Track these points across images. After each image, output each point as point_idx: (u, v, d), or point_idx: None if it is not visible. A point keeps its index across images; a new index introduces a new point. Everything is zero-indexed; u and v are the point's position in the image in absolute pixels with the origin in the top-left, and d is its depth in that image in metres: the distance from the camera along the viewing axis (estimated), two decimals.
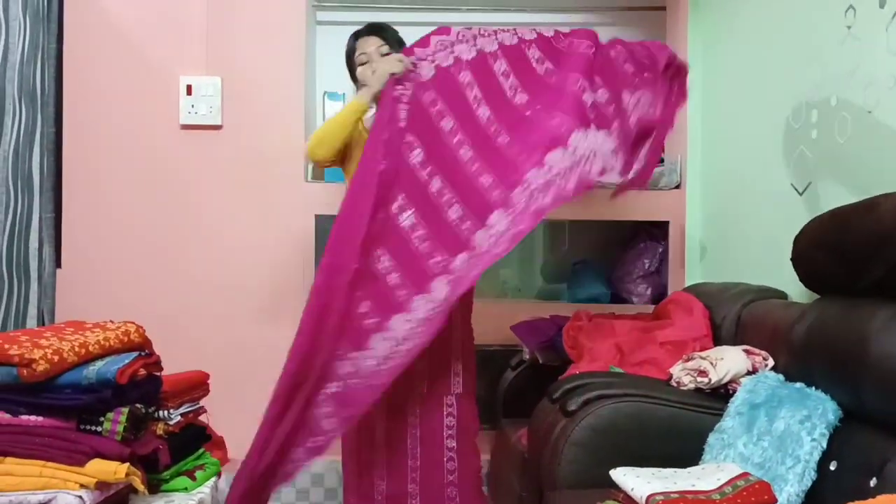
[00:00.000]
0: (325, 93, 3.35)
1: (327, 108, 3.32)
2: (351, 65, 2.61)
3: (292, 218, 3.28)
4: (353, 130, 2.40)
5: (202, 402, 2.12)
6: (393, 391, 2.25)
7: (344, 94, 3.32)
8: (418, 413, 2.35)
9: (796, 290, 2.45)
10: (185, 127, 3.26)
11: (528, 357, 2.96)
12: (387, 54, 2.50)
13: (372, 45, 2.56)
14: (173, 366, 2.01)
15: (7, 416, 1.62)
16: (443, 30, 2.40)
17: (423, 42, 2.38)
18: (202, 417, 2.11)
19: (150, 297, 3.21)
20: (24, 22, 2.96)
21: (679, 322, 2.64)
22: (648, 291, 3.44)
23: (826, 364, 1.89)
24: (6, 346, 1.60)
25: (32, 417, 1.63)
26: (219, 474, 2.04)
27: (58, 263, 3.21)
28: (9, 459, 1.58)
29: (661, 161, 3.57)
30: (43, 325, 3.02)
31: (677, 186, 3.37)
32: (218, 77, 3.25)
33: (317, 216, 3.27)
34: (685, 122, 3.36)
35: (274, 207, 3.29)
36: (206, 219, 3.27)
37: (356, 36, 2.61)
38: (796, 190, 2.56)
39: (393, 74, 2.29)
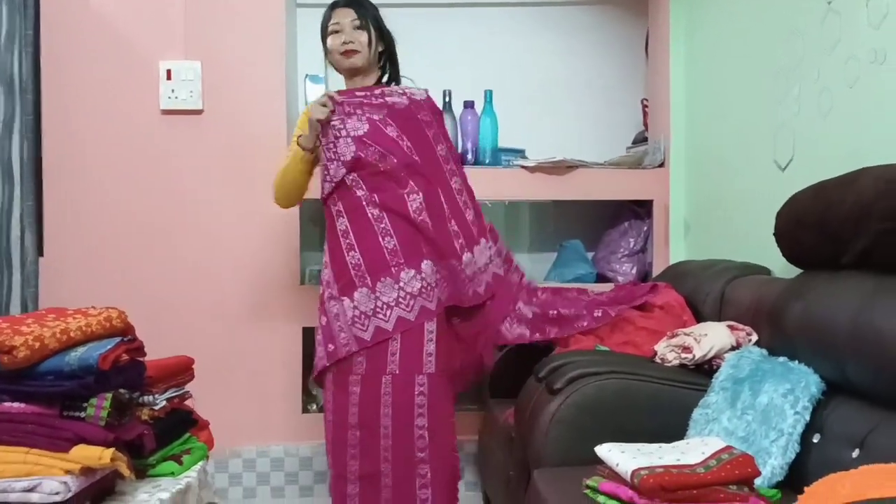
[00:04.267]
0: (306, 75, 3.33)
1: (308, 90, 3.29)
2: (324, 35, 2.59)
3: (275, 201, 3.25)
4: (307, 168, 2.60)
5: (187, 388, 2.11)
6: (366, 372, 2.38)
7: (325, 76, 3.29)
8: (390, 392, 2.38)
9: (779, 266, 2.47)
10: (166, 112, 3.24)
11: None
12: (359, 28, 2.51)
13: (345, 16, 2.53)
14: (157, 352, 2.00)
15: None
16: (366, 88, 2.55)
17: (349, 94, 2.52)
18: (188, 402, 2.10)
19: (134, 284, 3.19)
20: (0, 9, 2.93)
21: (660, 316, 2.64)
22: (633, 270, 3.45)
23: (810, 338, 1.91)
24: None
25: (15, 404, 1.61)
26: (206, 458, 2.03)
27: (40, 252, 3.18)
28: None
29: (645, 140, 3.58)
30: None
31: (661, 165, 3.38)
32: (198, 61, 3.22)
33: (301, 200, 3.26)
34: (668, 100, 3.37)
35: (257, 192, 3.26)
36: (188, 204, 3.25)
37: (333, 6, 2.58)
38: (779, 166, 2.57)
39: (319, 120, 2.46)
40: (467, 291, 2.56)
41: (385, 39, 2.60)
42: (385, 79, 2.66)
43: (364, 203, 2.47)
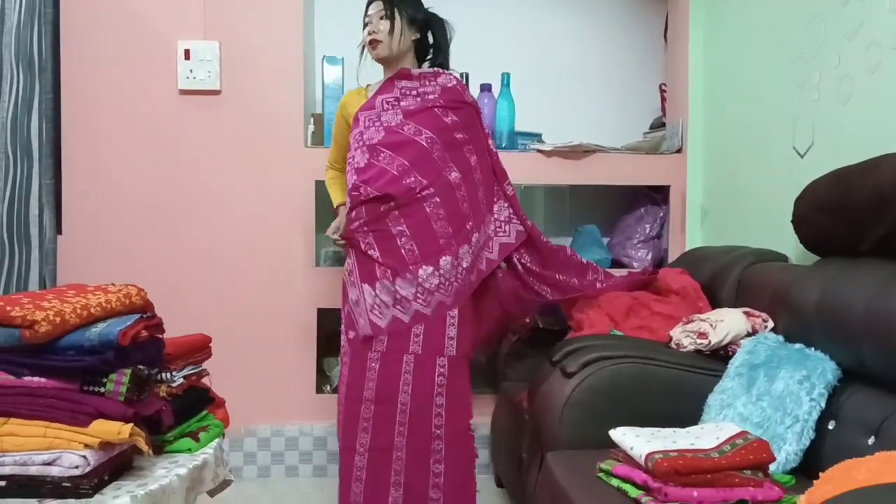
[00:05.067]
0: (324, 57, 3.32)
1: (326, 72, 3.29)
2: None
3: (292, 183, 3.27)
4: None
5: (204, 366, 2.12)
6: (387, 350, 2.46)
7: (342, 58, 3.29)
8: (412, 371, 2.46)
9: (797, 254, 2.46)
10: (184, 92, 3.24)
11: (528, 321, 2.97)
12: (383, 18, 2.57)
13: (375, 8, 2.60)
14: (174, 330, 2.01)
15: (10, 377, 1.62)
16: (404, 73, 2.63)
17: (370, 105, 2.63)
18: (205, 380, 2.11)
19: (151, 262, 3.21)
20: None
21: (675, 301, 2.65)
22: (649, 256, 3.44)
23: (826, 324, 1.90)
24: (8, 307, 1.59)
25: (35, 379, 1.63)
26: (222, 436, 2.04)
27: (58, 230, 3.20)
28: (13, 420, 1.58)
29: (663, 125, 3.56)
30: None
31: (679, 151, 3.36)
32: (216, 41, 3.23)
33: (317, 181, 3.27)
34: (687, 86, 3.35)
35: (274, 172, 3.28)
36: (205, 184, 3.27)
37: None
38: (798, 153, 2.55)
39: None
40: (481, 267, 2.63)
41: (420, 27, 2.65)
42: (425, 66, 2.71)
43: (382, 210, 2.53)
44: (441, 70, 2.67)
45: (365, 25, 2.64)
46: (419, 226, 2.51)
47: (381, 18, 2.58)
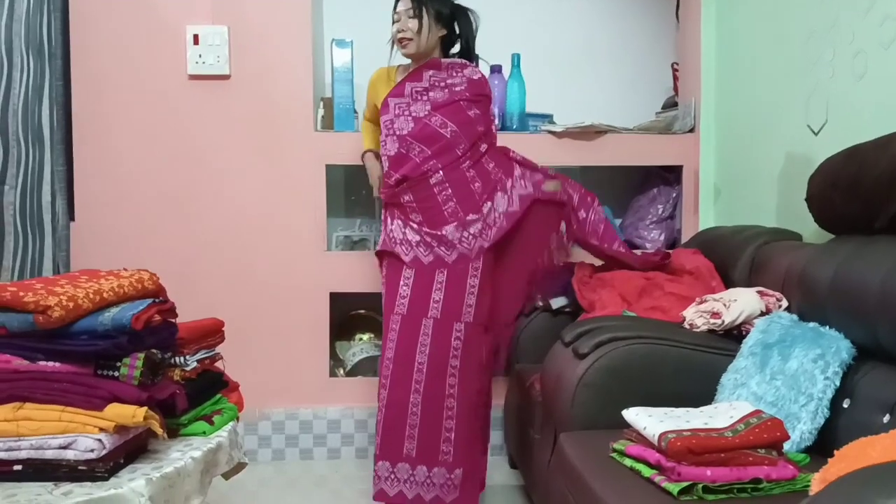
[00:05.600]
0: (332, 40, 3.31)
1: (335, 55, 3.28)
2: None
3: (303, 167, 3.27)
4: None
5: (217, 350, 2.13)
6: (407, 313, 2.66)
7: (352, 41, 3.28)
8: (430, 334, 2.65)
9: (810, 233, 2.44)
10: (193, 77, 3.24)
11: (541, 303, 2.97)
12: (412, 17, 2.68)
13: (404, 5, 2.71)
14: (186, 315, 2.02)
15: (25, 362, 1.64)
16: (433, 63, 2.75)
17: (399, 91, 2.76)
18: (218, 364, 2.12)
19: (163, 248, 3.23)
20: None
21: (689, 282, 2.64)
22: (662, 237, 3.43)
23: (841, 303, 1.88)
24: (21, 293, 1.60)
25: (50, 363, 1.64)
26: (236, 419, 2.06)
27: (71, 216, 3.22)
28: (28, 405, 1.59)
29: (675, 104, 3.54)
30: None
31: (691, 130, 3.34)
32: (225, 26, 3.22)
33: (327, 166, 3.26)
34: (699, 64, 3.32)
35: (284, 157, 3.28)
36: (215, 169, 3.27)
37: None
38: (812, 130, 2.53)
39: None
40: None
41: (447, 22, 2.76)
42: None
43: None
44: (468, 62, 2.79)
45: (394, 22, 2.73)
46: (455, 187, 2.71)
47: (410, 17, 2.68)
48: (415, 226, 2.71)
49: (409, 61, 2.80)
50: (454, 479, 2.63)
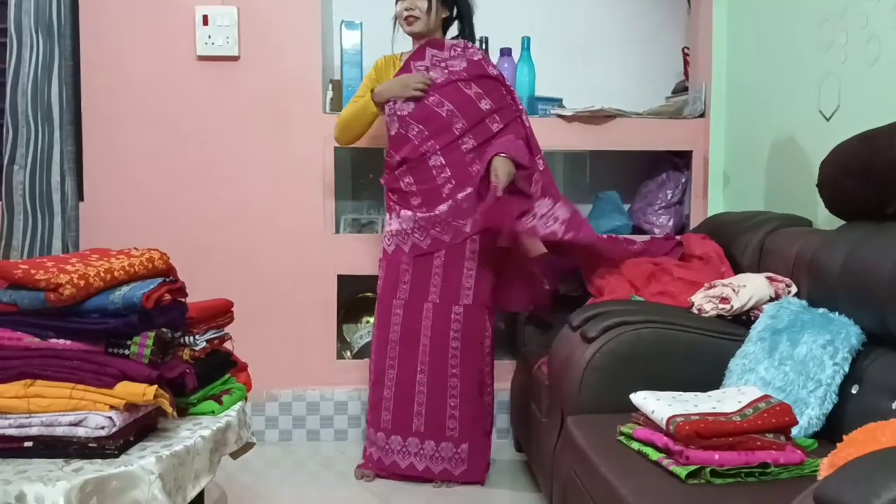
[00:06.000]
0: (342, 21, 3.30)
1: (344, 37, 3.27)
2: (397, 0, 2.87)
3: (311, 149, 3.26)
4: (371, 120, 2.94)
5: (226, 331, 2.14)
6: (409, 298, 2.82)
7: (361, 23, 3.27)
8: (431, 317, 2.81)
9: (821, 219, 2.43)
10: (202, 58, 3.24)
11: (548, 287, 2.97)
12: (428, 10, 2.78)
13: None
14: (195, 296, 2.02)
15: (36, 339, 1.64)
16: (436, 43, 2.86)
17: (419, 55, 2.86)
18: (227, 344, 2.13)
19: (172, 229, 3.23)
20: None
21: (698, 267, 2.63)
22: (670, 222, 3.41)
23: (851, 288, 1.88)
24: (33, 271, 1.61)
25: (61, 341, 1.65)
26: (245, 399, 2.07)
27: (80, 196, 3.22)
28: (39, 382, 1.60)
29: (686, 89, 3.52)
30: None
31: (701, 115, 3.33)
32: (234, 7, 3.21)
33: (336, 148, 3.26)
34: (710, 49, 3.30)
35: (292, 139, 3.28)
36: (224, 150, 3.27)
37: None
38: (823, 116, 2.51)
39: (412, 98, 2.81)
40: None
41: (451, 5, 2.87)
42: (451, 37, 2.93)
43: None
44: (469, 43, 2.89)
45: (397, 1, 2.82)
46: (454, 169, 2.81)
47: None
48: (410, 212, 2.82)
49: (411, 49, 2.88)
50: (461, 452, 2.80)
